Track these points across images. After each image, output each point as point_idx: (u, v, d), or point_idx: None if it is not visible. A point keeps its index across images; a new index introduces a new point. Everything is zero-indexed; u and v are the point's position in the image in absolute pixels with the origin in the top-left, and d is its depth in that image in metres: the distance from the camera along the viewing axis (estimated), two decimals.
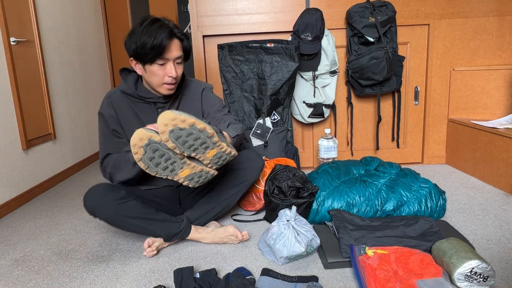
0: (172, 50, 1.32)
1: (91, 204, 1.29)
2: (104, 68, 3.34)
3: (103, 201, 1.29)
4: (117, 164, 1.37)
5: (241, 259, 1.33)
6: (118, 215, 1.30)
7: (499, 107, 2.26)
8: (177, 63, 1.36)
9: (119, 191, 1.32)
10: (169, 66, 1.33)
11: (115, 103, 1.42)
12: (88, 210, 1.30)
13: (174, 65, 1.34)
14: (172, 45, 1.32)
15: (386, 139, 2.41)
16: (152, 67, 1.33)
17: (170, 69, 1.33)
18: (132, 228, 1.36)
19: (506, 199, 1.77)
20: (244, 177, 1.51)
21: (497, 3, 2.21)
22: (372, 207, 1.53)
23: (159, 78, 1.34)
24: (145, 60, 1.32)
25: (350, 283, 1.16)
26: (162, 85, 1.36)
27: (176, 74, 1.34)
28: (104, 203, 1.28)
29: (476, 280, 1.06)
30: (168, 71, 1.33)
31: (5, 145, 1.93)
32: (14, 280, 1.27)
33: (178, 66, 1.37)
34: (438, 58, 2.28)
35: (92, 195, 1.30)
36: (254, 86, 2.07)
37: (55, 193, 2.21)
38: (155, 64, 1.32)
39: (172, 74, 1.33)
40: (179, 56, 1.35)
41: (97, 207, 1.29)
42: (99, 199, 1.29)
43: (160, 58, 1.31)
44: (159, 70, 1.33)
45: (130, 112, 1.43)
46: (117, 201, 1.29)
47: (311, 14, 2.08)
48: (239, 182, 1.51)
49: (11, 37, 2.00)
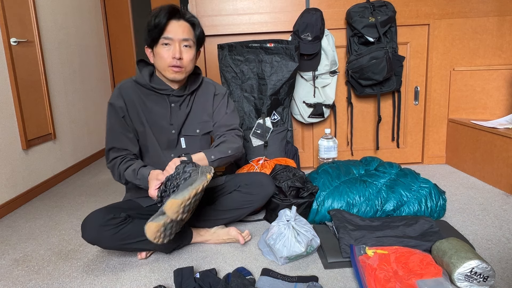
0: (177, 30, 1.31)
1: (90, 238, 1.24)
2: (104, 68, 3.34)
3: (102, 235, 1.23)
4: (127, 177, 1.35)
5: (241, 259, 1.33)
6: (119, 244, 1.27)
7: (499, 107, 2.26)
8: (184, 45, 1.34)
9: (119, 214, 1.28)
10: (174, 47, 1.32)
11: (125, 94, 1.40)
12: (88, 242, 1.25)
13: (179, 47, 1.32)
14: (176, 25, 1.31)
15: (386, 139, 2.41)
16: (158, 48, 1.33)
17: (175, 49, 1.32)
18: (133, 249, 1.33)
19: (506, 199, 1.77)
20: (251, 202, 1.46)
21: (497, 3, 2.21)
22: (372, 207, 1.53)
23: (164, 59, 1.33)
24: (152, 41, 1.33)
25: (350, 283, 1.16)
26: (167, 68, 1.34)
27: (180, 55, 1.32)
28: (104, 237, 1.24)
29: (476, 280, 1.06)
30: (173, 52, 1.32)
31: (5, 145, 1.93)
32: (14, 280, 1.27)
33: (185, 50, 1.34)
34: (438, 58, 2.28)
35: (90, 227, 1.24)
36: (254, 86, 2.07)
37: (55, 193, 2.21)
38: (160, 44, 1.32)
39: (176, 55, 1.31)
40: (185, 38, 1.33)
41: (98, 240, 1.24)
42: (98, 233, 1.23)
43: (163, 37, 1.30)
44: (164, 51, 1.32)
45: (140, 104, 1.41)
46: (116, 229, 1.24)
47: (311, 14, 2.08)
48: (245, 206, 1.47)
49: (12, 37, 2.00)
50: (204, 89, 1.51)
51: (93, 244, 1.26)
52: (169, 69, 1.34)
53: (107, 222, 1.23)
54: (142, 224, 1.31)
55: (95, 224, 1.23)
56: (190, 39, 1.34)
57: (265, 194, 1.45)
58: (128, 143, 1.39)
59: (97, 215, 1.26)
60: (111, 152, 1.38)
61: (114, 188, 2.24)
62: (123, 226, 1.26)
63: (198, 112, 1.49)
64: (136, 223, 1.30)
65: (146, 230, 1.08)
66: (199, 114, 1.49)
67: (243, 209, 1.47)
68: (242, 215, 1.51)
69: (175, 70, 1.34)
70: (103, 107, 3.24)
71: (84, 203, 2.01)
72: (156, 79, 1.43)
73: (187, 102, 1.46)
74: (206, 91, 1.51)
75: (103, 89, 3.26)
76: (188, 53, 1.35)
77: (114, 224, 1.24)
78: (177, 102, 1.43)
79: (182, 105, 1.44)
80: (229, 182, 1.50)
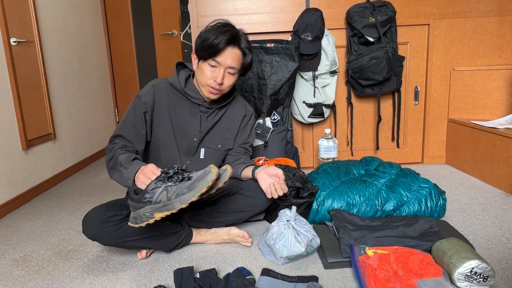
0: (228, 57, 1.32)
1: (91, 234, 1.24)
2: (104, 68, 3.34)
3: (103, 231, 1.23)
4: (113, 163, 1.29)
5: (241, 259, 1.33)
6: (119, 241, 1.27)
7: (499, 107, 2.26)
8: (229, 72, 1.36)
9: (121, 211, 1.27)
10: (219, 70, 1.34)
11: (157, 93, 1.41)
12: (89, 238, 1.26)
13: (224, 72, 1.34)
14: (230, 53, 1.33)
15: (386, 139, 2.41)
16: (204, 65, 1.34)
17: (218, 73, 1.33)
18: (133, 247, 1.33)
19: (506, 199, 1.77)
20: (252, 206, 1.47)
21: (497, 3, 2.21)
22: (372, 207, 1.53)
23: (206, 78, 1.35)
24: (201, 56, 1.34)
25: (350, 283, 1.16)
26: (205, 86, 1.37)
27: (222, 81, 1.34)
28: (105, 233, 1.24)
29: (476, 280, 1.06)
30: (216, 75, 1.33)
31: (5, 145, 1.93)
32: (14, 280, 1.27)
33: (228, 76, 1.36)
34: (438, 58, 2.28)
35: (91, 224, 1.24)
36: (254, 86, 2.07)
37: (55, 193, 2.21)
38: (207, 64, 1.33)
39: (218, 80, 1.33)
40: (233, 66, 1.35)
41: (98, 236, 1.25)
42: (99, 229, 1.23)
43: (213, 59, 1.32)
44: (209, 70, 1.34)
45: (170, 106, 1.42)
46: (117, 226, 1.24)
47: (311, 14, 2.08)
48: (246, 209, 1.48)
49: (12, 37, 2.00)
50: (235, 107, 1.53)
51: (93, 240, 1.26)
52: (207, 87, 1.37)
53: (108, 219, 1.24)
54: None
55: (96, 220, 1.23)
56: (236, 68, 1.37)
57: (266, 198, 1.45)
58: (136, 138, 1.39)
59: (99, 211, 1.26)
60: (117, 138, 1.37)
61: (114, 188, 2.24)
62: (124, 223, 1.26)
63: (223, 127, 1.51)
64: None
65: (211, 168, 1.10)
66: (224, 130, 1.52)
67: (244, 212, 1.48)
68: (243, 218, 1.51)
69: (212, 91, 1.37)
70: (103, 107, 3.24)
71: (84, 203, 2.01)
72: (191, 85, 1.44)
73: (215, 115, 1.48)
74: (237, 109, 1.54)
75: (103, 89, 3.26)
76: (230, 79, 1.38)
77: (115, 221, 1.25)
78: (205, 112, 1.46)
79: (209, 117, 1.47)
80: (232, 184, 1.50)
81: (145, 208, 1.09)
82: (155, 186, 1.10)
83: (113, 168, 1.29)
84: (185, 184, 1.10)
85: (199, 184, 1.08)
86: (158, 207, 1.08)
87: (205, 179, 1.08)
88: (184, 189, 1.09)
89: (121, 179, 1.25)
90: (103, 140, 3.18)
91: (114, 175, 1.29)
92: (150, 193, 1.09)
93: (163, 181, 1.11)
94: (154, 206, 1.08)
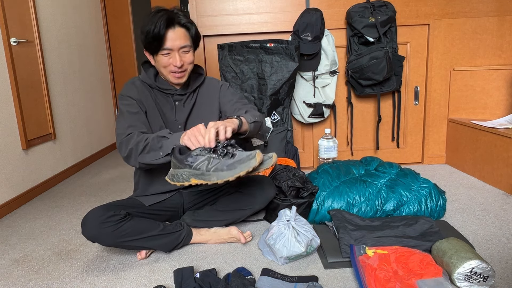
0: (174, 39, 1.32)
1: (90, 234, 1.24)
2: (104, 68, 3.34)
3: (102, 231, 1.23)
4: (145, 144, 1.24)
5: (241, 259, 1.33)
6: (118, 242, 1.27)
7: (499, 107, 2.26)
8: (183, 52, 1.36)
9: (119, 211, 1.28)
10: (174, 55, 1.34)
11: (139, 89, 1.42)
12: (88, 239, 1.26)
13: (179, 54, 1.34)
14: (174, 34, 1.32)
15: (386, 139, 2.41)
16: (159, 57, 1.34)
17: (174, 58, 1.34)
18: (132, 247, 1.33)
19: (506, 199, 1.77)
20: (251, 204, 1.47)
21: (497, 3, 2.21)
22: (372, 207, 1.53)
23: (166, 67, 1.36)
24: (152, 50, 1.34)
25: (350, 283, 1.16)
26: (169, 73, 1.37)
27: (181, 62, 1.34)
28: (104, 234, 1.24)
29: (476, 280, 1.06)
30: (173, 60, 1.34)
31: (5, 145, 1.93)
32: (14, 280, 1.27)
33: (184, 55, 1.36)
34: (438, 58, 2.28)
35: (90, 224, 1.24)
36: (254, 86, 2.07)
37: (55, 193, 2.21)
38: (161, 55, 1.33)
39: (177, 64, 1.33)
40: (183, 45, 1.34)
41: (97, 237, 1.25)
42: (98, 229, 1.23)
43: (163, 48, 1.31)
44: (165, 59, 1.34)
45: (151, 100, 1.43)
46: (116, 226, 1.24)
47: (311, 14, 2.08)
48: (245, 208, 1.48)
49: (12, 37, 2.00)
50: (208, 85, 1.53)
51: (92, 241, 1.26)
52: (171, 74, 1.37)
53: (107, 219, 1.24)
54: (142, 222, 1.32)
55: (95, 221, 1.23)
56: (187, 45, 1.36)
57: (266, 196, 1.46)
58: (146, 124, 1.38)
59: (97, 212, 1.26)
60: (130, 128, 1.31)
61: (114, 188, 2.24)
62: (123, 223, 1.26)
63: (202, 107, 1.51)
64: (136, 221, 1.30)
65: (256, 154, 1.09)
66: (203, 109, 1.51)
67: (243, 210, 1.48)
68: (242, 217, 1.51)
69: (177, 76, 1.38)
70: (103, 107, 3.24)
71: (84, 203, 2.01)
72: (160, 80, 1.45)
73: (191, 99, 1.48)
74: (211, 86, 1.53)
75: (103, 89, 3.26)
76: (187, 57, 1.38)
77: (114, 221, 1.25)
78: (180, 100, 1.46)
79: (185, 103, 1.47)
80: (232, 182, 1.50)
81: (184, 169, 1.12)
82: (199, 153, 1.12)
83: (147, 150, 1.23)
84: (227, 161, 1.09)
85: (239, 167, 1.08)
86: (196, 174, 1.10)
87: (247, 164, 1.08)
88: (224, 166, 1.09)
89: (166, 148, 1.20)
90: (103, 140, 3.18)
91: (147, 157, 1.23)
92: (194, 157, 1.11)
93: (208, 151, 1.12)
94: (192, 171, 1.11)
